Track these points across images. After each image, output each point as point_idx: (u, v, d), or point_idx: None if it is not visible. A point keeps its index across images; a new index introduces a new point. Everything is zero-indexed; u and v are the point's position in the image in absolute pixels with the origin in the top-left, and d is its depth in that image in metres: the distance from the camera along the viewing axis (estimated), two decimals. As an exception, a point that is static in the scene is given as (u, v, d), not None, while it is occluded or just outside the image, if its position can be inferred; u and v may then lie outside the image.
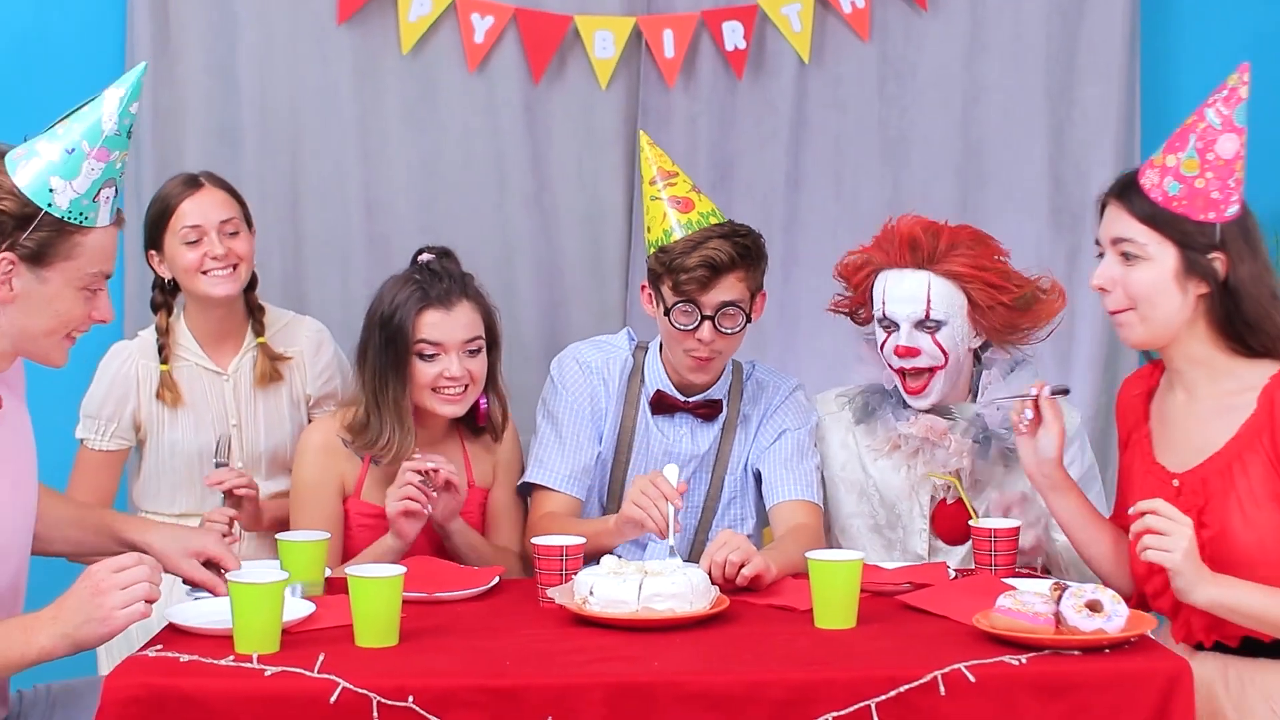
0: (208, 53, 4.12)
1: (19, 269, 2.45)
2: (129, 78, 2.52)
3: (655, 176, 3.29)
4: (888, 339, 3.22)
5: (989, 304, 3.16)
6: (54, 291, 2.48)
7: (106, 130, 2.48)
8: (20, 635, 2.41)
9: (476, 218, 4.23)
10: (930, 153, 4.34)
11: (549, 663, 2.42)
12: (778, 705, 2.31)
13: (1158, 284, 2.65)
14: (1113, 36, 4.31)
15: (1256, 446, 2.62)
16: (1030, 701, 2.32)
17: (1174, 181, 2.64)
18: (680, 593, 2.62)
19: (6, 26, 4.11)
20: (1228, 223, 2.64)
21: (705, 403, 3.35)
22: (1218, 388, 2.69)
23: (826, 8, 4.26)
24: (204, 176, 3.49)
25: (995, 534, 2.92)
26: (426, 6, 4.13)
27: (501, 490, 3.39)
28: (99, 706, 2.26)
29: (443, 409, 3.22)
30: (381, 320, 3.21)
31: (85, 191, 2.47)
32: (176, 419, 3.47)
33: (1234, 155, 2.64)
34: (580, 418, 3.36)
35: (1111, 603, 2.40)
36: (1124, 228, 2.67)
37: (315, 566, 2.88)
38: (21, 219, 2.43)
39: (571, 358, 3.44)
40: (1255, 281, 2.63)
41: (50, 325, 2.51)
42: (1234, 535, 2.61)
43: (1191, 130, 2.64)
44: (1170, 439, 2.75)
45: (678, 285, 3.18)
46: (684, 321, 3.21)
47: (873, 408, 3.31)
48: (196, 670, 2.35)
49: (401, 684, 2.30)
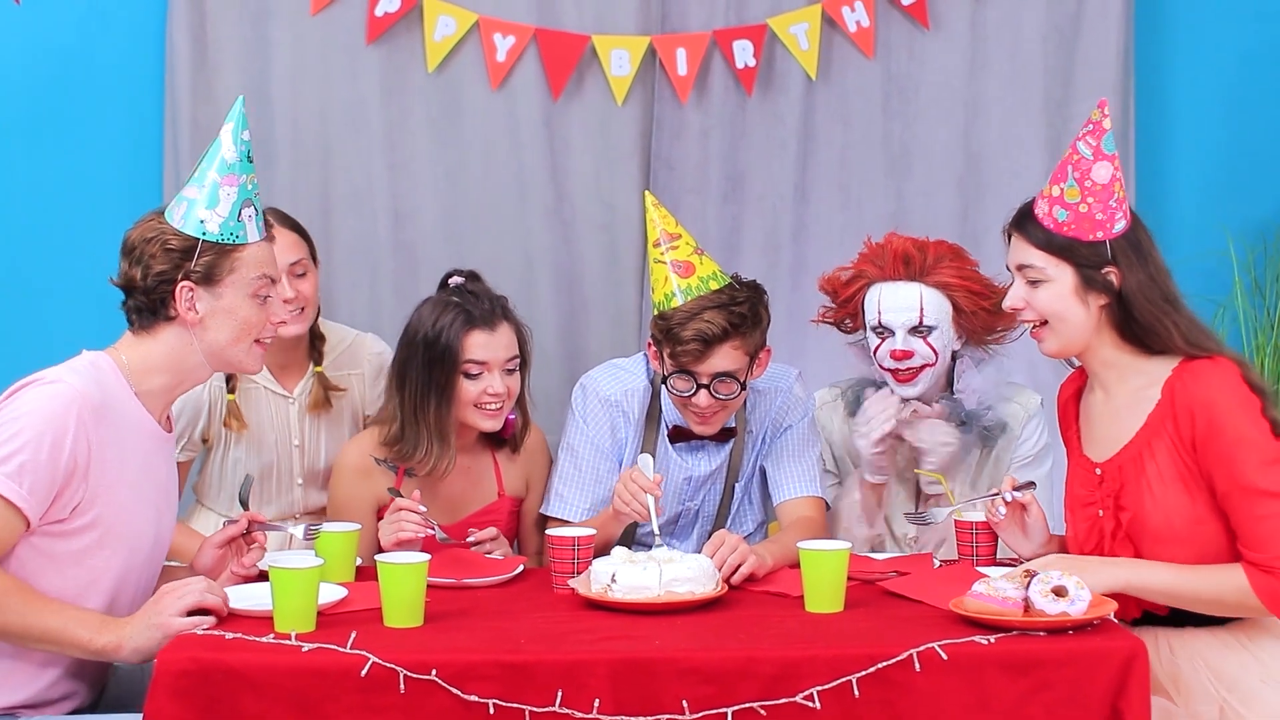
0: (243, 71, 4.22)
1: (198, 293, 2.77)
2: (234, 112, 2.85)
3: (659, 239, 3.30)
4: (882, 344, 3.39)
5: (972, 309, 3.37)
6: (230, 303, 2.81)
7: (229, 160, 2.82)
8: (94, 625, 2.65)
9: (498, 228, 4.31)
10: (932, 165, 4.42)
11: (559, 641, 2.56)
12: (768, 680, 2.46)
13: (1061, 301, 2.86)
14: (1108, 54, 4.40)
15: (1162, 433, 2.81)
16: (998, 678, 2.47)
17: (1061, 209, 2.84)
18: (696, 576, 2.80)
19: (51, 45, 4.23)
20: (1116, 238, 2.84)
21: (720, 431, 3.41)
22: (1128, 385, 2.89)
23: (833, 27, 4.34)
24: (272, 216, 3.18)
25: (976, 527, 3.08)
26: (451, 27, 4.23)
27: (536, 499, 3.51)
28: (153, 678, 2.43)
29: (484, 424, 3.32)
30: (426, 341, 3.28)
31: (229, 214, 2.79)
32: (241, 438, 3.58)
33: (1110, 179, 2.82)
34: (600, 452, 3.43)
35: (1076, 588, 2.57)
36: (1024, 255, 2.88)
37: (347, 555, 3.04)
38: (186, 251, 2.77)
39: (593, 392, 3.46)
40: (1146, 288, 2.83)
41: (235, 334, 2.82)
42: (1146, 515, 2.81)
43: (1068, 163, 2.84)
44: (1093, 433, 2.96)
45: (674, 354, 3.22)
46: (681, 388, 3.26)
47: (864, 400, 3.47)
48: (240, 647, 2.50)
49: (426, 659, 2.45)
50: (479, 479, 3.44)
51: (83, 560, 2.71)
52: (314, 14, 4.24)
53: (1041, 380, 4.39)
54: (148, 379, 2.81)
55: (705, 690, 2.46)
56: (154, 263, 2.77)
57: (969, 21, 4.42)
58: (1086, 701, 2.47)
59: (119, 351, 2.82)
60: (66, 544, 2.69)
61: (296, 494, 3.64)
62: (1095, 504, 2.90)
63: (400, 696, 2.44)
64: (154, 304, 2.79)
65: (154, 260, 2.77)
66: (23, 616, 2.63)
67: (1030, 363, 4.27)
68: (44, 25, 4.23)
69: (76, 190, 4.28)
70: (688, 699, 2.46)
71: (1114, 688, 2.48)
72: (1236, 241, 4.40)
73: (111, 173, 4.28)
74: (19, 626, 2.63)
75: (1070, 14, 4.42)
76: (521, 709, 2.44)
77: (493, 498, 3.45)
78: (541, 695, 2.45)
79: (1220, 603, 2.77)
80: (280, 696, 2.44)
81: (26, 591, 2.65)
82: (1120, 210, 2.85)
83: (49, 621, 2.63)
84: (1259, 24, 4.55)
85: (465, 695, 2.44)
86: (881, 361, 3.41)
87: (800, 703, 2.46)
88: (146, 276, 2.78)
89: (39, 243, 4.26)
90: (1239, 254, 4.41)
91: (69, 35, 4.25)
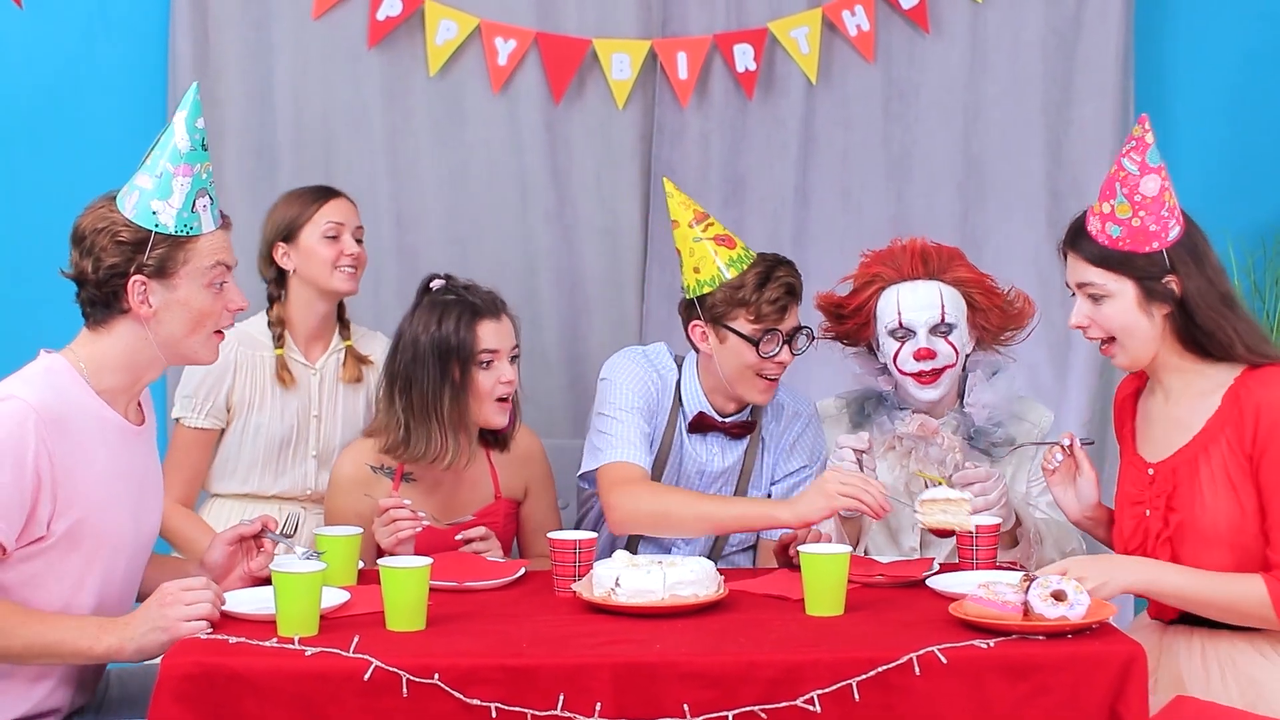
0: (246, 76, 4.24)
1: (151, 286, 2.73)
2: (187, 100, 2.78)
3: (693, 220, 3.38)
4: (902, 347, 3.37)
5: (988, 306, 3.38)
6: (184, 295, 2.76)
7: (183, 149, 2.76)
8: (94, 631, 2.64)
9: (500, 231, 4.33)
10: (933, 168, 4.44)
11: (562, 645, 2.58)
12: (769, 684, 2.48)
13: (1125, 316, 2.87)
14: (1107, 57, 4.41)
15: (1219, 438, 2.82)
16: (997, 681, 2.49)
17: (1114, 225, 2.84)
18: (699, 579, 2.82)
19: (57, 50, 4.25)
20: (1172, 246, 2.84)
21: (740, 423, 3.46)
22: (1190, 389, 2.90)
23: (833, 31, 4.35)
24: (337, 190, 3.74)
25: (977, 530, 3.09)
26: (453, 31, 4.24)
27: (536, 504, 3.53)
28: (157, 682, 2.44)
29: (498, 419, 3.34)
30: (435, 342, 3.29)
31: (183, 205, 2.74)
32: (264, 403, 3.65)
33: (1159, 190, 2.83)
34: (641, 408, 3.38)
35: (1075, 592, 2.58)
36: (1083, 273, 2.89)
37: (350, 559, 3.05)
38: (138, 244, 2.72)
39: (634, 363, 3.45)
40: (1205, 292, 2.84)
41: (189, 325, 2.78)
42: (1195, 518, 2.83)
43: (1115, 179, 2.84)
44: (1150, 434, 2.97)
45: (760, 315, 3.30)
46: (769, 349, 3.31)
47: (868, 411, 3.49)
48: (244, 651, 2.51)
49: (429, 663, 2.47)
50: (475, 481, 3.46)
51: (64, 568, 2.69)
52: (316, 18, 4.26)
53: (1042, 384, 4.43)
54: (106, 378, 2.77)
55: (706, 694, 2.48)
56: (105, 255, 2.71)
57: (969, 25, 4.43)
58: (1085, 705, 2.49)
59: (75, 351, 2.78)
60: (46, 559, 2.67)
61: (310, 467, 3.70)
62: (1144, 503, 2.91)
63: (403, 700, 2.45)
64: (106, 297, 2.74)
65: (104, 253, 2.71)
66: (22, 638, 2.62)
67: (1030, 366, 4.30)
68: (47, 29, 4.24)
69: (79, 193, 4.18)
70: (689, 702, 2.47)
71: (1113, 691, 2.49)
72: (1236, 245, 4.40)
73: (114, 176, 4.17)
74: (20, 647, 2.62)
75: (1070, 17, 4.43)
76: (524, 713, 2.46)
77: (489, 499, 3.46)
78: (544, 699, 2.46)
79: (1234, 610, 2.78)
80: (283, 700, 2.45)
81: (20, 612, 2.64)
82: (1173, 218, 2.86)
83: (48, 637, 2.63)
84: (1258, 27, 4.56)
85: (468, 699, 2.46)
86: (902, 366, 3.39)
87: (801, 706, 2.47)
88: (98, 269, 2.72)
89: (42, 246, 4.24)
90: (1239, 257, 4.41)
91: (72, 39, 4.27)
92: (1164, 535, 2.85)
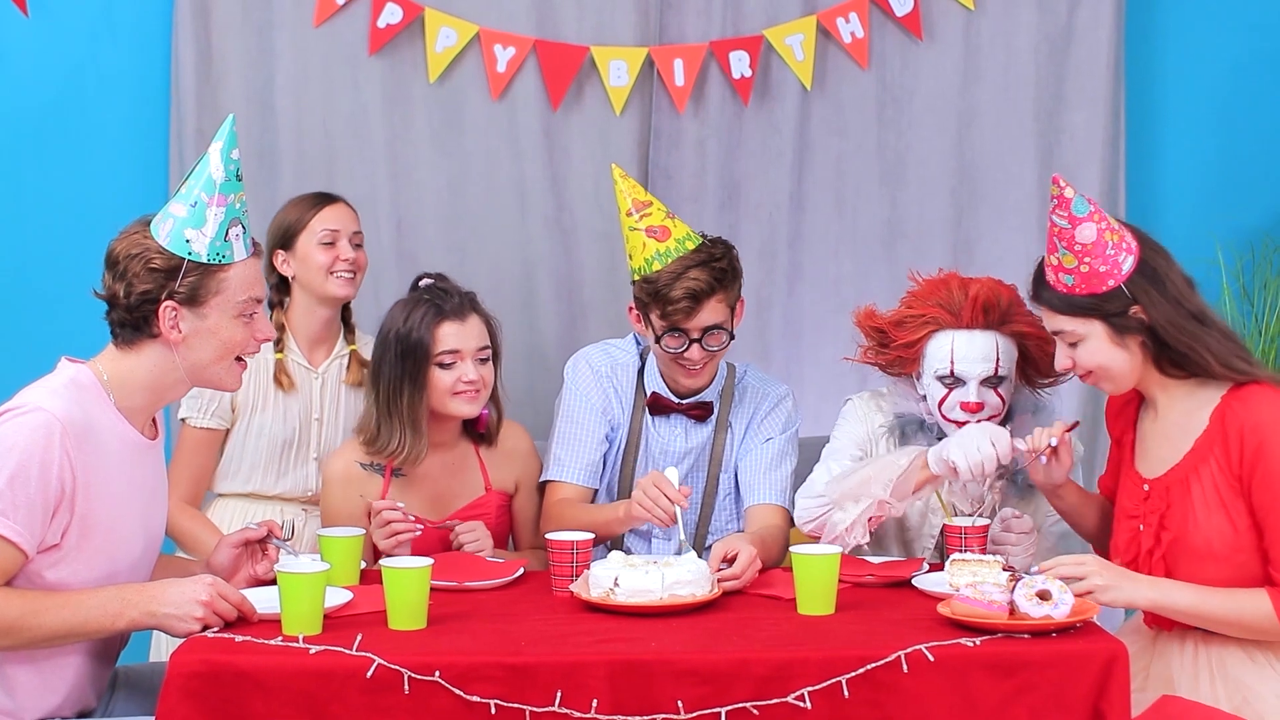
0: (247, 82, 4.27)
1: (181, 313, 2.77)
2: (223, 130, 2.82)
3: (631, 208, 3.43)
4: (949, 395, 3.28)
5: (1039, 356, 3.31)
6: (214, 324, 2.80)
7: (217, 179, 2.80)
8: (116, 607, 2.69)
9: (499, 236, 4.36)
10: (926, 174, 4.47)
11: (559, 643, 2.62)
12: (760, 681, 2.53)
13: (1101, 354, 2.93)
14: (1098, 65, 4.45)
15: (1209, 457, 2.88)
16: (984, 679, 2.54)
17: (1065, 275, 2.92)
18: (696, 579, 2.87)
19: (62, 57, 4.28)
20: (1129, 278, 2.89)
21: (696, 404, 3.52)
22: (1178, 407, 2.96)
23: (828, 38, 4.39)
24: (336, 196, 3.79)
25: (965, 531, 3.15)
26: (452, 38, 4.27)
27: (527, 498, 3.58)
28: (165, 680, 2.49)
29: (462, 409, 3.39)
30: (398, 337, 3.37)
31: (215, 235, 2.77)
32: (268, 404, 3.70)
33: (1097, 234, 2.88)
34: (592, 415, 3.52)
35: (1059, 592, 2.64)
36: (1053, 321, 2.98)
37: (352, 559, 3.11)
38: (170, 271, 2.75)
39: (584, 361, 3.59)
40: (1172, 316, 2.89)
41: (217, 353, 2.82)
42: (1188, 537, 2.88)
43: (1053, 235, 2.92)
44: (1146, 450, 3.02)
45: (665, 314, 3.35)
46: (674, 345, 3.38)
47: (909, 435, 3.40)
48: (249, 649, 2.56)
49: (430, 661, 2.52)
50: (464, 474, 3.51)
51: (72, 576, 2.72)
52: (317, 25, 4.28)
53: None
54: (129, 396, 2.80)
55: (700, 691, 2.52)
56: (137, 281, 2.75)
57: (962, 32, 4.46)
58: (1069, 702, 2.54)
59: (101, 365, 2.81)
60: (56, 570, 2.71)
61: (312, 469, 3.74)
62: (1139, 518, 2.96)
63: (404, 697, 2.50)
64: (137, 321, 2.77)
65: (137, 279, 2.75)
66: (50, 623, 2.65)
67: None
68: (52, 36, 4.27)
69: (82, 200, 4.30)
70: (683, 699, 2.52)
71: (1096, 689, 2.54)
72: (1225, 250, 4.44)
73: (117, 183, 4.31)
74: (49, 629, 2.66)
75: (1062, 25, 4.46)
76: (522, 709, 2.50)
77: (479, 492, 3.51)
78: (542, 696, 2.51)
79: (1240, 624, 2.83)
80: (288, 697, 2.50)
81: (42, 597, 2.68)
82: (1121, 251, 2.90)
83: (70, 619, 2.66)
84: (1247, 36, 4.60)
85: (468, 696, 2.50)
86: (948, 413, 3.30)
87: (792, 703, 2.52)
88: (130, 294, 2.76)
89: (45, 252, 4.29)
90: (1228, 262, 4.44)
91: (76, 46, 4.29)
92: (1157, 553, 2.91)
